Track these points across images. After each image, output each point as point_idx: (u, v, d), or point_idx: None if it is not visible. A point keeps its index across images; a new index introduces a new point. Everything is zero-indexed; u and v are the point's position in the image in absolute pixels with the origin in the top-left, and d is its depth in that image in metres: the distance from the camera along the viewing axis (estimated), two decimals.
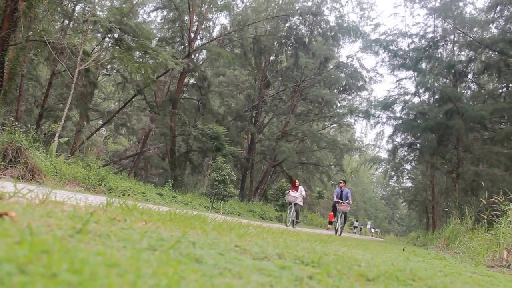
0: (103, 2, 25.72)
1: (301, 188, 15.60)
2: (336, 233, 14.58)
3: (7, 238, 1.10)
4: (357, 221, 52.01)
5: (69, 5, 22.72)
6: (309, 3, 32.79)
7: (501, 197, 6.94)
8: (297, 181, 16.16)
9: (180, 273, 1.12)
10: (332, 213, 46.63)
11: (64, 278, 0.82)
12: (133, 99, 28.20)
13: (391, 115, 32.46)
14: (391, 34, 32.12)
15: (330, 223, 42.00)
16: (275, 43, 32.98)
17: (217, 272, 1.30)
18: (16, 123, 12.62)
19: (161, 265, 1.16)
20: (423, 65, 30.89)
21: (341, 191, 15.23)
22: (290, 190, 15.47)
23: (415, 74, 31.46)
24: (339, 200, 14.99)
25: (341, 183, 15.57)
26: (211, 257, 1.50)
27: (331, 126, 42.07)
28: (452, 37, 29.80)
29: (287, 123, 34.29)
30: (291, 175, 36.53)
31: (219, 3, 27.29)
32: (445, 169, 31.33)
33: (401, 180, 44.10)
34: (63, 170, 11.47)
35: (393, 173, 38.90)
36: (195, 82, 30.13)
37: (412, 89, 34.67)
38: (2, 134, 9.93)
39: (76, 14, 23.21)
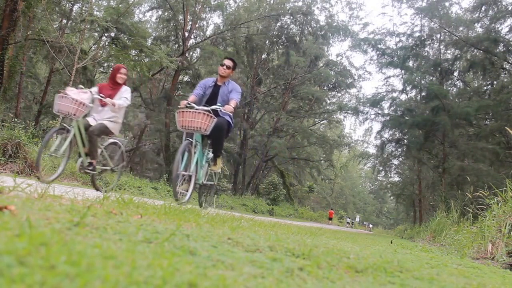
0: (100, 2, 25.89)
1: (124, 90, 6.64)
2: (176, 197, 5.37)
3: (7, 231, 1.10)
4: (349, 217, 52.62)
5: (67, 5, 22.78)
6: (300, 3, 33.20)
7: (486, 191, 6.82)
8: (123, 70, 6.69)
9: (175, 265, 1.13)
10: (331, 210, 47.18)
11: (62, 270, 0.84)
12: None
13: (379, 112, 32.42)
14: (379, 33, 32.13)
15: (330, 219, 42.46)
16: (267, 42, 33.37)
17: (210, 264, 1.31)
18: (16, 120, 12.77)
19: (156, 257, 1.17)
20: (411, 63, 30.89)
21: (217, 85, 6.43)
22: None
23: (403, 72, 31.32)
24: (191, 105, 5.86)
25: (222, 66, 6.40)
26: (205, 250, 1.52)
27: (321, 122, 42.39)
28: (438, 36, 29.69)
29: (278, 120, 34.70)
30: (282, 169, 37.12)
31: (212, 3, 27.56)
32: (432, 164, 31.08)
33: (389, 175, 43.78)
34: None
35: (381, 168, 38.53)
36: (189, 80, 30.19)
37: (399, 86, 34.72)
38: (2, 130, 9.86)
39: (74, 14, 23.34)
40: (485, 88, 29.51)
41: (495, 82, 28.24)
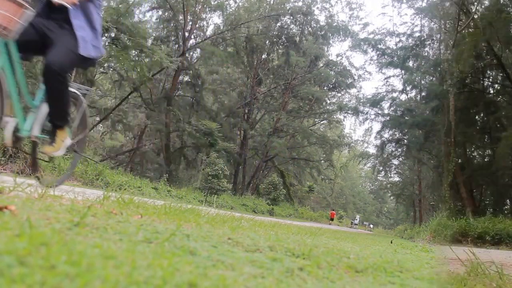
0: None
1: None
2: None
3: (7, 231, 1.10)
4: (355, 218, 52.65)
5: None
6: (300, 3, 33.33)
7: None
8: None
9: (175, 265, 1.13)
10: (333, 211, 47.37)
11: (63, 270, 0.84)
12: (129, 97, 28.16)
13: (379, 112, 32.64)
14: (380, 33, 32.41)
15: (332, 219, 42.45)
16: (267, 42, 33.48)
17: (210, 264, 1.31)
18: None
19: (156, 257, 1.17)
20: (410, 63, 31.07)
21: None
22: None
23: (403, 72, 31.53)
24: None
25: None
26: (205, 250, 1.52)
27: (321, 122, 42.38)
28: (438, 36, 30.25)
29: (278, 120, 34.74)
30: (282, 169, 37.16)
31: (212, 3, 27.56)
32: (432, 164, 31.57)
33: (389, 175, 43.73)
34: (62, 165, 10.89)
35: (381, 168, 38.71)
36: (189, 80, 30.19)
37: (399, 86, 34.77)
38: (2, 130, 9.69)
39: None
40: None
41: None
